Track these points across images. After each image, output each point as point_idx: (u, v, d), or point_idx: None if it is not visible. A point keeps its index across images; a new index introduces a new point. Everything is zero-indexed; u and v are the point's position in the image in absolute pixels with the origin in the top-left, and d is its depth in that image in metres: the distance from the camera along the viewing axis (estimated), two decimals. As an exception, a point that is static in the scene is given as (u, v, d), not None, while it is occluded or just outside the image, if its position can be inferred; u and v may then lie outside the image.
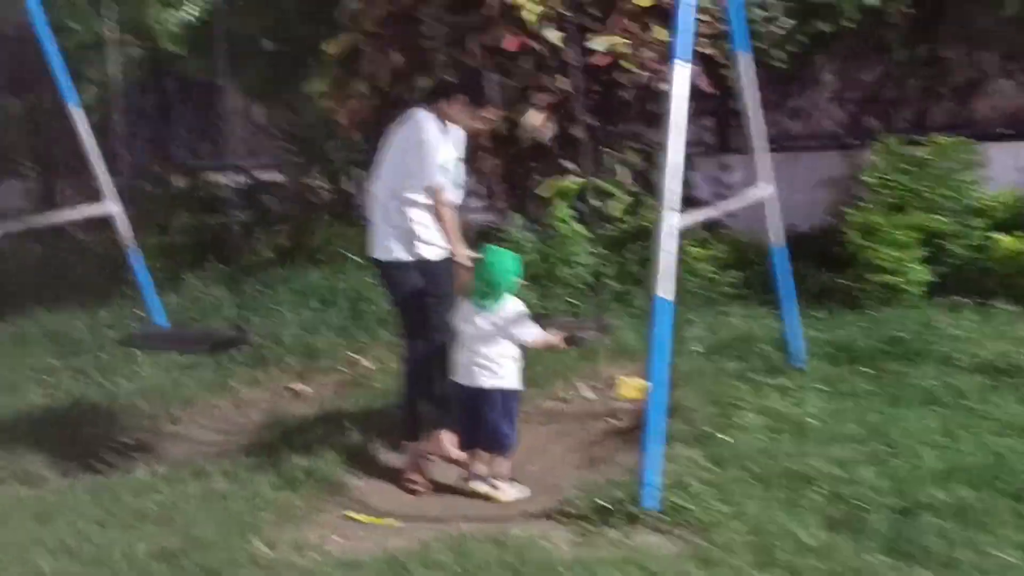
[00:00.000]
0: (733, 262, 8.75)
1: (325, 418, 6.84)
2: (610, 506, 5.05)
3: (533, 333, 5.58)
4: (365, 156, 11.06)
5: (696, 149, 10.41)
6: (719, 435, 5.77)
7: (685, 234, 9.02)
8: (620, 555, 4.63)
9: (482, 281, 5.56)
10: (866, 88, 10.31)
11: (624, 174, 8.95)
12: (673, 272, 5.17)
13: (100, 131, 8.48)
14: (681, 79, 5.24)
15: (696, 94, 8.59)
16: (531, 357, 5.97)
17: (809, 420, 5.88)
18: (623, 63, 8.11)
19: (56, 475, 6.34)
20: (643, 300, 8.42)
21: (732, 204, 6.20)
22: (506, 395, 5.59)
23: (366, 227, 10.68)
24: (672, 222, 5.17)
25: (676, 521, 4.85)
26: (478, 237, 9.24)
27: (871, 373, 6.61)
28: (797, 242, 8.73)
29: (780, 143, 10.47)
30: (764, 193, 6.44)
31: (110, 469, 6.30)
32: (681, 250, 8.74)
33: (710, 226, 9.57)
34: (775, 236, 6.65)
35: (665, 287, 5.10)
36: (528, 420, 6.72)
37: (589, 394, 7.14)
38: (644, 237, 8.86)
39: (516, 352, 5.60)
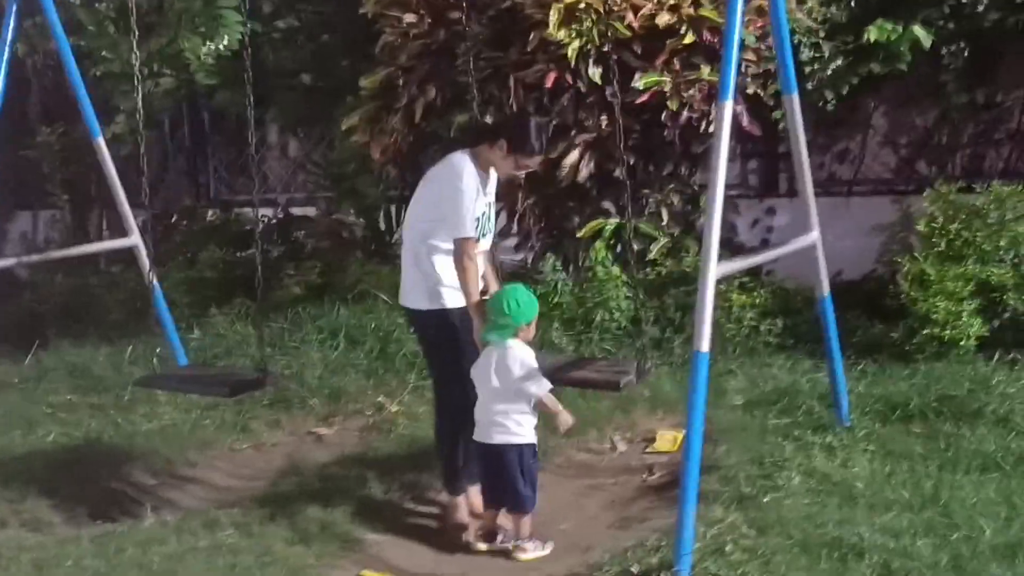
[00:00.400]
0: (776, 310, 8.38)
1: (346, 466, 6.54)
2: (642, 572, 4.71)
3: (542, 387, 5.28)
4: (398, 192, 10.90)
5: (740, 192, 10.10)
6: (761, 497, 5.41)
7: (727, 280, 8.86)
8: (654, 630, 4.29)
9: (492, 312, 5.30)
10: (919, 132, 9.93)
11: (664, 216, 8.61)
12: (710, 323, 4.81)
13: (132, 162, 8.31)
14: (726, 118, 4.93)
15: (741, 135, 8.42)
16: (564, 406, 5.67)
17: (857, 484, 5.50)
18: (667, 102, 7.81)
19: (63, 520, 6.11)
20: (683, 348, 8.11)
21: (779, 251, 5.85)
22: (522, 451, 5.30)
23: (398, 265, 10.63)
24: (714, 269, 4.82)
25: (714, 593, 4.50)
26: (510, 278, 8.97)
27: (923, 433, 6.22)
28: (845, 291, 8.41)
29: (828, 187, 10.16)
30: (812, 240, 6.09)
31: (119, 516, 6.04)
32: (723, 297, 8.61)
33: (753, 271, 9.24)
34: (822, 286, 6.29)
35: (704, 340, 4.76)
36: (560, 473, 6.45)
37: (624, 446, 6.80)
38: (685, 282, 8.55)
39: (528, 406, 5.31)
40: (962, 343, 7.38)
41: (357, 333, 8.72)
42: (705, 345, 4.74)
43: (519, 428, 5.27)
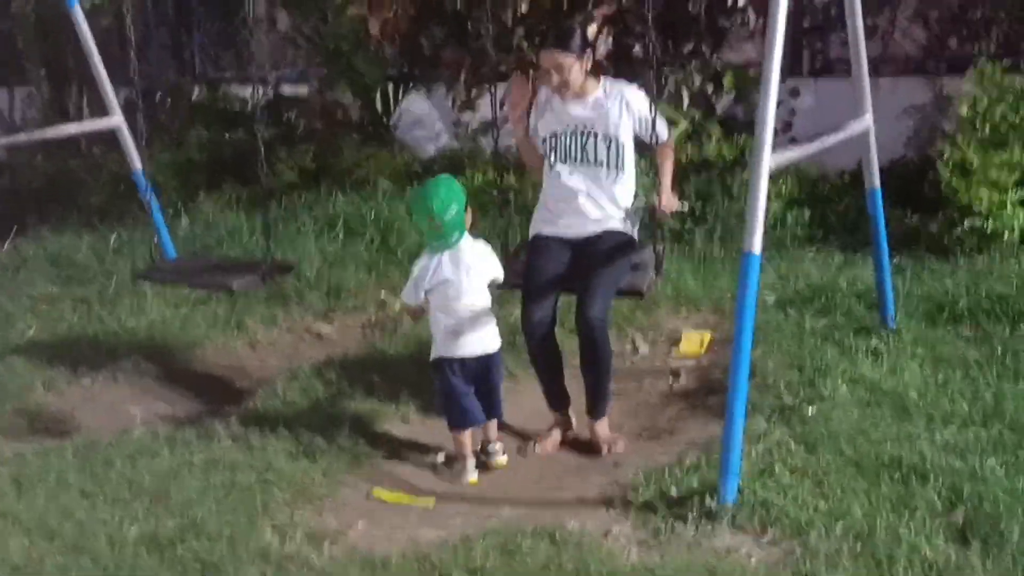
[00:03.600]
0: (802, 199, 7.88)
1: (349, 369, 6.04)
2: (682, 498, 4.27)
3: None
4: (397, 71, 10.26)
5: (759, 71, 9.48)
6: (807, 408, 4.95)
7: (746, 166, 8.30)
8: (700, 562, 3.86)
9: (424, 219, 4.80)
10: (952, 7, 9.28)
11: (685, 98, 8.02)
12: (762, 221, 4.29)
13: (113, 36, 7.68)
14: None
15: (763, 7, 7.78)
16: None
17: (911, 393, 5.03)
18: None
19: (43, 428, 5.64)
20: (704, 241, 7.62)
21: (835, 138, 5.30)
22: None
23: (398, 149, 10.05)
24: (768, 159, 4.29)
25: (764, 520, 4.06)
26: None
27: (975, 337, 5.75)
28: (862, 177, 7.89)
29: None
30: (865, 126, 5.54)
31: (105, 424, 5.57)
32: (745, 185, 8.07)
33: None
34: (872, 177, 5.77)
35: (755, 240, 4.24)
36: (579, 375, 5.95)
37: (646, 348, 6.34)
38: (706, 168, 8.02)
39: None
40: (1006, 236, 6.89)
41: (356, 223, 8.19)
42: (757, 245, 4.22)
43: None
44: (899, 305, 6.02)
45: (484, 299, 4.88)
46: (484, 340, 4.88)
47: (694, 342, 6.28)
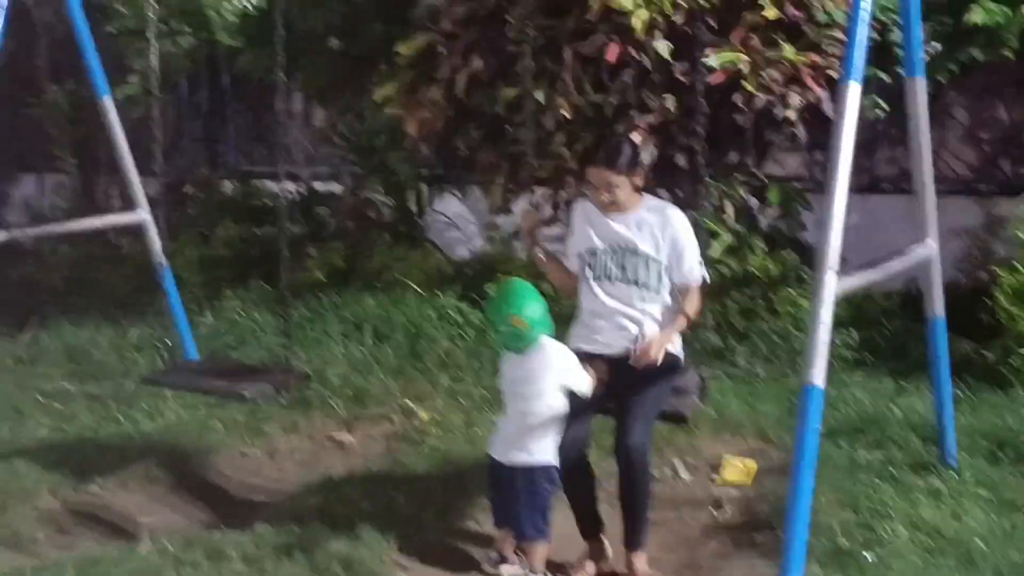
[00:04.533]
0: (849, 320, 7.55)
1: (372, 483, 5.73)
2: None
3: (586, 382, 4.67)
4: (430, 171, 10.06)
5: (804, 186, 9.21)
6: (864, 555, 4.58)
7: (794, 283, 8.01)
8: None
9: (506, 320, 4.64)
10: (1004, 128, 9.05)
11: (728, 210, 7.76)
12: (825, 351, 3.98)
13: (143, 127, 7.51)
14: (852, 103, 4.11)
15: (812, 124, 7.57)
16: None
17: (977, 542, 4.66)
18: (744, 83, 6.93)
19: (47, 536, 5.34)
20: (748, 359, 7.31)
21: (899, 264, 5.02)
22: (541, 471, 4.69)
23: (428, 250, 9.79)
24: (833, 284, 3.99)
25: None
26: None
27: (1042, 478, 5.39)
28: (921, 301, 7.58)
29: (898, 184, 9.30)
30: (929, 252, 5.25)
31: (111, 535, 5.26)
32: (789, 302, 7.78)
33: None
34: (934, 304, 5.46)
35: (817, 371, 3.93)
36: (614, 502, 5.60)
37: (687, 474, 5.99)
38: (748, 284, 7.73)
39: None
40: (1070, 368, 6.56)
41: (384, 326, 7.92)
42: (819, 377, 3.93)
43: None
44: (958, 441, 5.66)
45: (555, 402, 4.67)
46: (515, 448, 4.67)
47: (738, 470, 5.93)
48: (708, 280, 4.97)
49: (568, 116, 7.33)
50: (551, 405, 4.63)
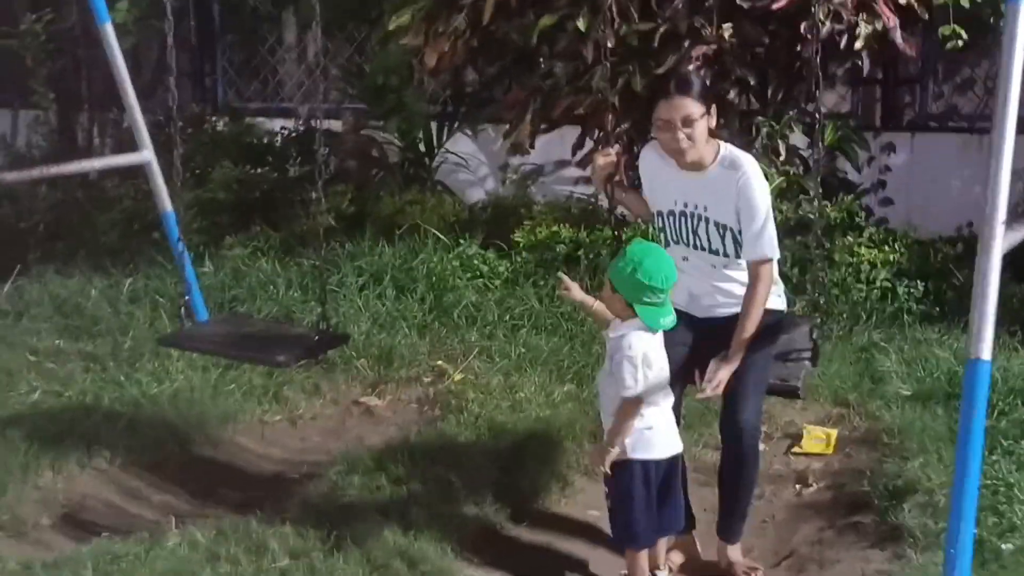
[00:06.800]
0: (914, 269, 6.98)
1: (414, 456, 5.08)
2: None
3: (627, 387, 3.80)
4: (442, 108, 9.36)
5: (853, 123, 8.58)
6: (1000, 545, 4.02)
7: (852, 229, 7.43)
8: None
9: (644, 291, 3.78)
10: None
11: (781, 150, 7.13)
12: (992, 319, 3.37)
13: (131, 60, 6.78)
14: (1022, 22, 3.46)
15: (876, 56, 6.96)
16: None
17: None
18: (811, 8, 6.26)
19: (53, 523, 4.71)
20: (805, 314, 6.71)
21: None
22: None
23: (439, 194, 9.14)
24: (1001, 239, 3.37)
25: None
26: (603, 219, 7.52)
27: None
28: (976, 246, 7.04)
29: (946, 122, 8.72)
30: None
31: (124, 520, 4.64)
32: (848, 250, 7.19)
33: (878, 221, 7.82)
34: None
35: (985, 343, 3.32)
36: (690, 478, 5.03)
37: (762, 444, 5.39)
38: (803, 230, 7.11)
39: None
40: None
41: (404, 277, 7.26)
42: (987, 350, 3.31)
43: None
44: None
45: None
46: (676, 435, 4.01)
47: (819, 440, 5.36)
48: (776, 258, 4.19)
49: (610, 46, 6.67)
50: None
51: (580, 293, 4.12)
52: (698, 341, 4.24)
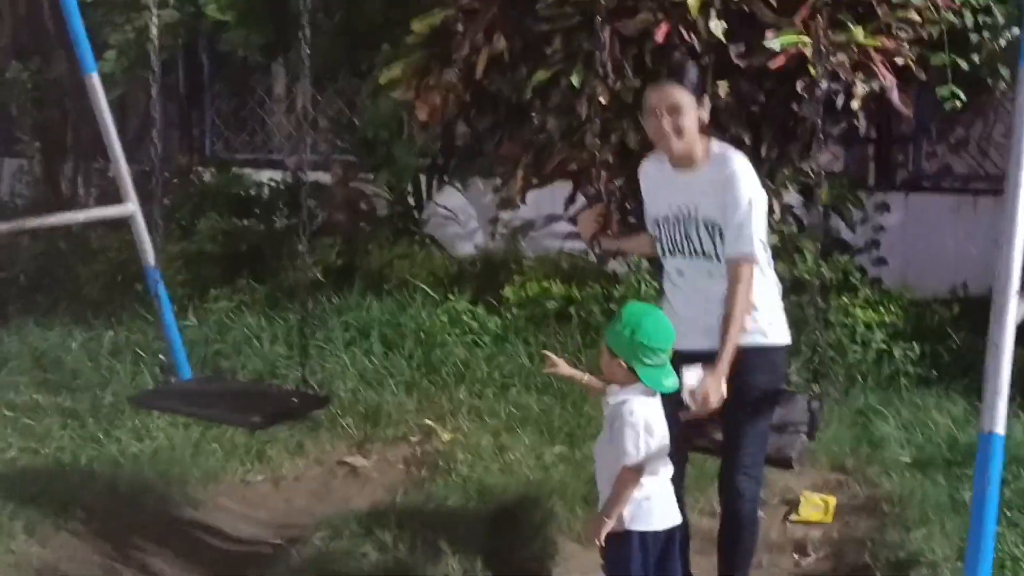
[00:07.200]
0: (910, 331, 6.89)
1: (404, 520, 4.92)
2: None
3: (628, 455, 3.61)
4: (432, 161, 9.27)
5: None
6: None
7: (847, 291, 7.34)
8: None
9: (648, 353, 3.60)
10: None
11: (776, 209, 7.02)
12: (1007, 391, 3.25)
13: (118, 110, 6.73)
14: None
15: (870, 114, 6.90)
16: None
17: None
18: (808, 67, 6.21)
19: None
20: (799, 377, 6.59)
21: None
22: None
23: (428, 247, 9.05)
24: (1015, 307, 3.26)
25: None
26: (594, 275, 7.43)
27: None
28: (972, 307, 6.97)
29: (940, 182, 8.68)
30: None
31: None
32: (843, 311, 7.09)
33: (872, 280, 7.74)
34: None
35: (999, 415, 3.21)
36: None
37: (759, 511, 5.25)
38: (798, 290, 7.01)
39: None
40: None
41: (393, 333, 7.13)
42: (1000, 424, 3.19)
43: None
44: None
45: None
46: (675, 505, 3.80)
47: (817, 507, 5.22)
48: (757, 259, 3.87)
49: (604, 102, 6.60)
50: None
51: (567, 368, 3.97)
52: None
